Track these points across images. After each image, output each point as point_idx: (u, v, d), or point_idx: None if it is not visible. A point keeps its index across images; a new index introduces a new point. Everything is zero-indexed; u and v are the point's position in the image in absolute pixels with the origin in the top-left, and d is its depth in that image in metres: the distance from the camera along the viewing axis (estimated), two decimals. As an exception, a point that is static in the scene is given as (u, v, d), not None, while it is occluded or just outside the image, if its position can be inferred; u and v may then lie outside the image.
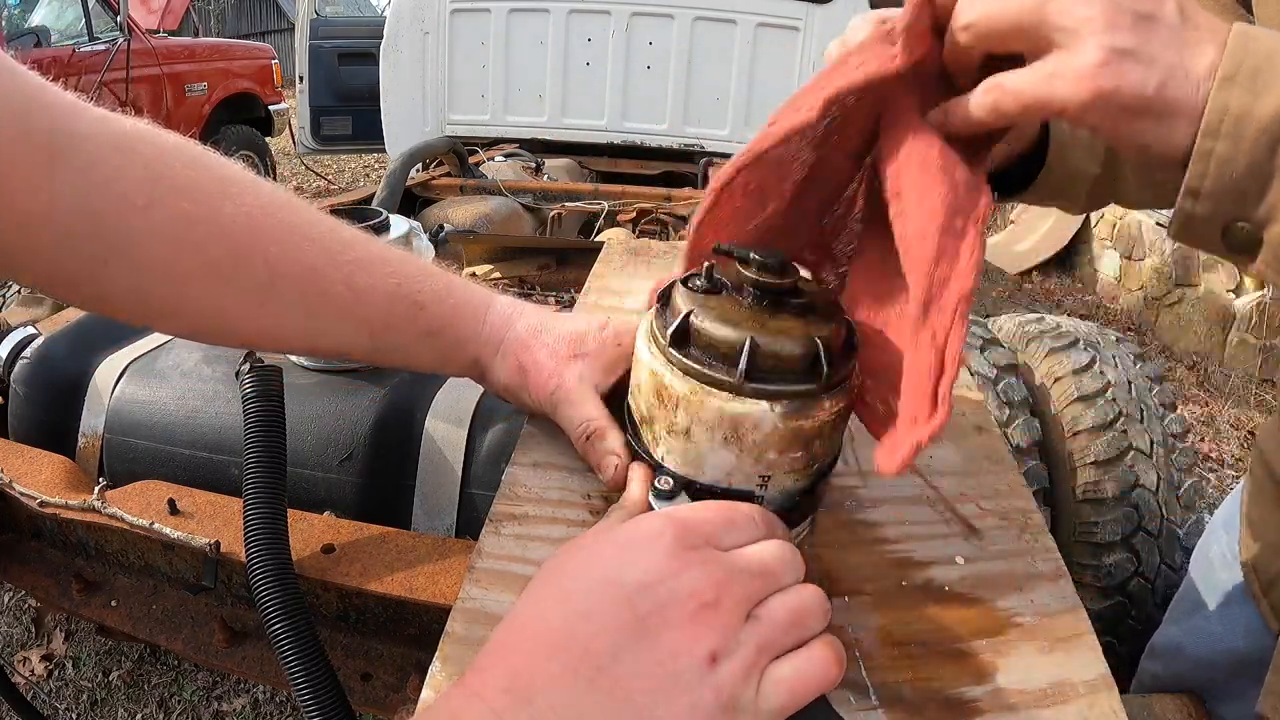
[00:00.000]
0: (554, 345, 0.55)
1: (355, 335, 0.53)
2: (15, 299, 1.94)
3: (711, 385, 0.41)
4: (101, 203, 0.43)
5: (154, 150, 0.46)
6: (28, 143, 0.41)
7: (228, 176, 0.48)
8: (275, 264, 0.48)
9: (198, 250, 0.46)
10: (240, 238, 0.47)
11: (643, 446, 0.47)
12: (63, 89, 0.44)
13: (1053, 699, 0.42)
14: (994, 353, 1.59)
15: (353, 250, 0.52)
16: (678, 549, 0.34)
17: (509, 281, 1.92)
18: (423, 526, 0.97)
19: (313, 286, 0.50)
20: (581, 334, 0.56)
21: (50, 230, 0.43)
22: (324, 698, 0.62)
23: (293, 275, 0.49)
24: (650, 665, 0.31)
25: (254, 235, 0.47)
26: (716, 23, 2.79)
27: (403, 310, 0.53)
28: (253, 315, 0.49)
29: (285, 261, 0.48)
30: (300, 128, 4.34)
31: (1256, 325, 3.73)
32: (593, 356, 0.55)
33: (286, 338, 0.53)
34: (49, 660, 1.73)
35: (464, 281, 0.58)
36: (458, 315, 0.55)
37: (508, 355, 0.56)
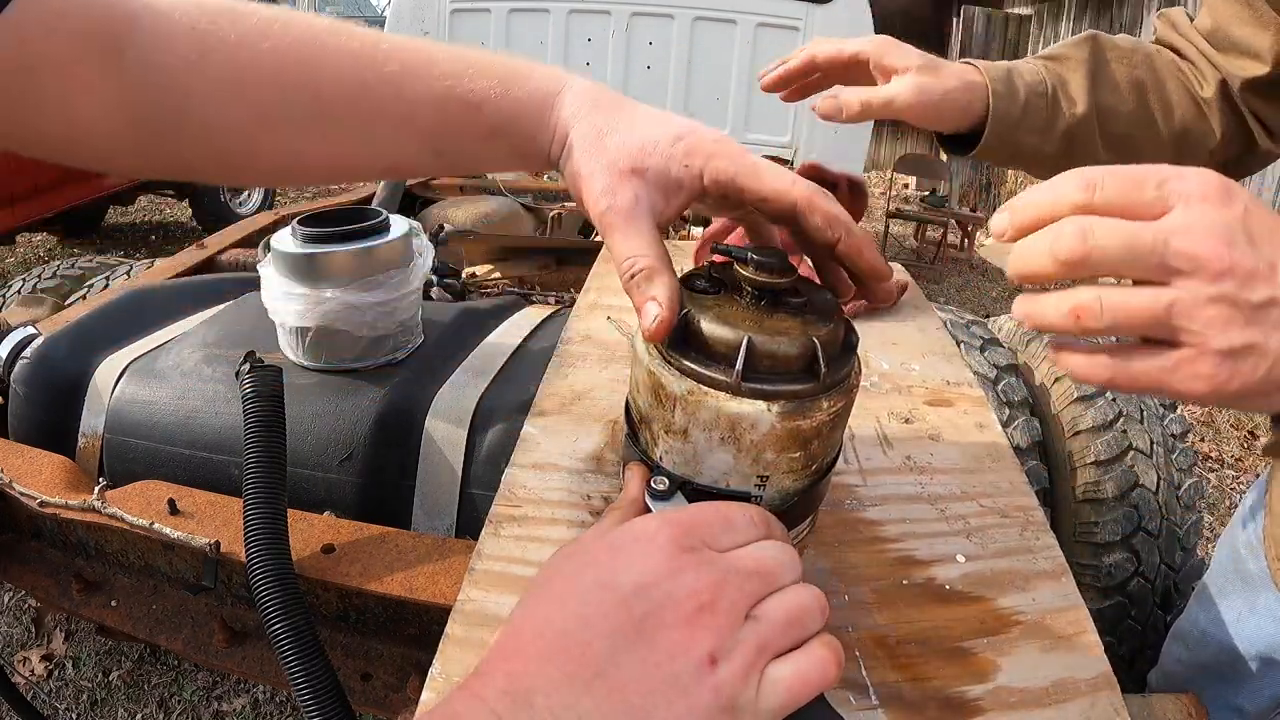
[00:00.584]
0: (614, 155, 0.47)
1: (416, 146, 0.50)
2: (15, 299, 1.94)
3: (709, 385, 0.41)
4: (160, 75, 0.44)
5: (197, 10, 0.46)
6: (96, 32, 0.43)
7: (265, 16, 0.48)
8: (322, 92, 0.47)
9: (249, 97, 0.46)
10: (285, 75, 0.47)
11: (641, 446, 0.47)
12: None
13: (1054, 698, 0.42)
14: (994, 353, 1.59)
15: (400, 57, 0.48)
16: (674, 550, 0.34)
17: (509, 281, 1.92)
18: (423, 526, 0.97)
19: (365, 107, 0.48)
20: (649, 145, 0.46)
21: (124, 112, 0.44)
22: (324, 698, 0.62)
23: (343, 98, 0.48)
24: (648, 667, 0.31)
25: (298, 69, 0.47)
26: (716, 23, 2.79)
27: (458, 112, 0.49)
28: (316, 149, 0.49)
29: (333, 86, 0.47)
30: (300, 128, 4.34)
31: (1257, 325, 3.72)
32: (655, 174, 0.46)
33: (355, 165, 0.52)
34: (49, 660, 1.73)
35: (527, 70, 0.50)
36: (524, 110, 0.49)
37: (568, 159, 0.49)
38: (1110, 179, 0.36)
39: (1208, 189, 0.35)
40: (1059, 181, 0.37)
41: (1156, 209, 0.35)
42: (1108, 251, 0.35)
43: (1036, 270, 0.37)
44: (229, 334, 1.13)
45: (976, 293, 4.91)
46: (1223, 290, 0.34)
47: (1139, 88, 0.73)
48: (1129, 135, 0.73)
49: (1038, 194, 0.38)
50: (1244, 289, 0.34)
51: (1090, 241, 0.35)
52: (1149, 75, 0.74)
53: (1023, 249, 0.37)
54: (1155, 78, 0.74)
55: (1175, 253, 0.34)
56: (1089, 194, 0.36)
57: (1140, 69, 0.74)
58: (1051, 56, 0.73)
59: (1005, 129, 0.69)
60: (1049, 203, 0.37)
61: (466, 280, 1.77)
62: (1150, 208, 0.35)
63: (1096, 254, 0.35)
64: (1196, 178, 0.36)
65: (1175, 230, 0.34)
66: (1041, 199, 0.38)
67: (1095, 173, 0.36)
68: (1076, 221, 0.35)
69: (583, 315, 0.88)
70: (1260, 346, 0.35)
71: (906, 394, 0.73)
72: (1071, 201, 0.36)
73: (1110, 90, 0.72)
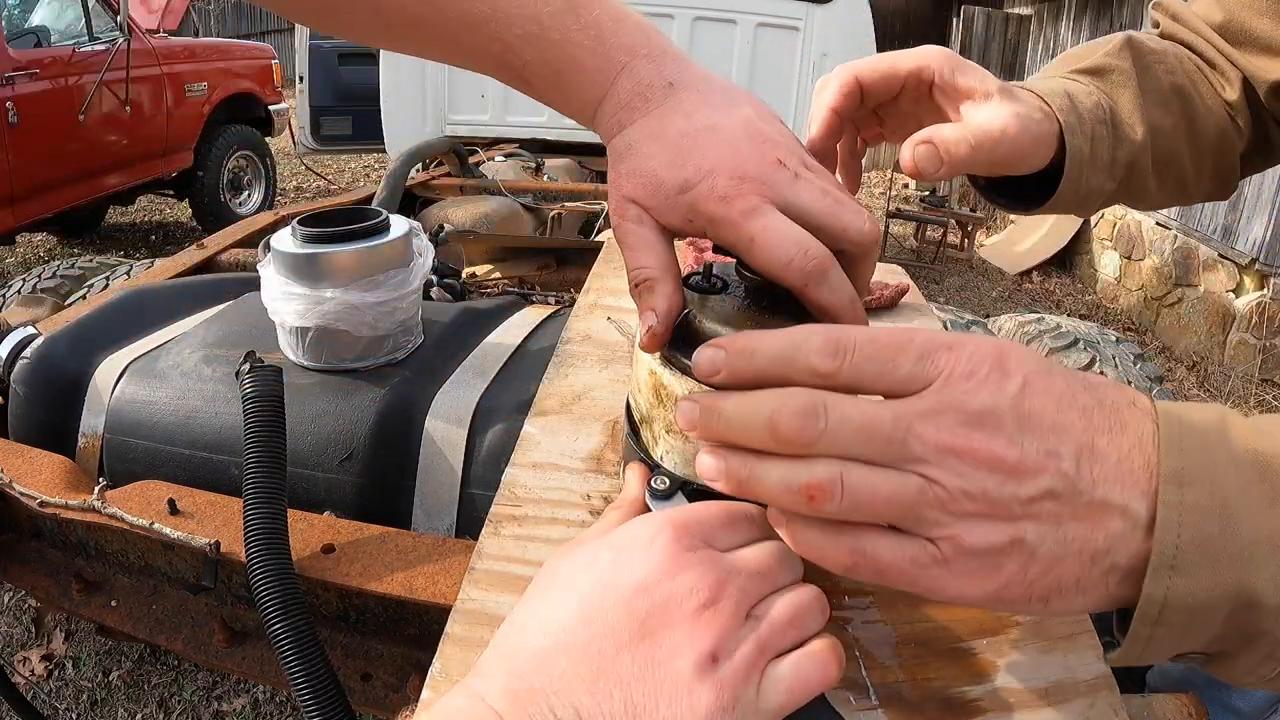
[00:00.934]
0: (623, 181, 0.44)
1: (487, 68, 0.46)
2: (15, 299, 1.94)
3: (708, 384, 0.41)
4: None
5: None
6: None
7: None
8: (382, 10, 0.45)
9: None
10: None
11: (642, 446, 0.47)
12: None
13: (1053, 698, 0.42)
14: (994, 353, 1.59)
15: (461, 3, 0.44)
16: (676, 550, 0.34)
17: (509, 281, 1.92)
18: (423, 526, 0.97)
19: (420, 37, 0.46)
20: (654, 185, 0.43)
21: None
22: (324, 698, 0.62)
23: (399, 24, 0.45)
24: (650, 665, 0.31)
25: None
26: (716, 23, 2.79)
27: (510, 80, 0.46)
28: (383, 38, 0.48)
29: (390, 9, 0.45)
30: (300, 128, 4.34)
31: (1256, 325, 3.73)
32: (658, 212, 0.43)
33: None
34: (49, 660, 1.73)
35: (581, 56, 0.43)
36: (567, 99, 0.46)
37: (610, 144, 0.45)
38: (864, 345, 0.31)
39: (977, 364, 0.30)
40: (801, 338, 0.32)
41: (912, 386, 0.31)
42: (840, 437, 0.30)
43: (746, 442, 0.32)
44: (229, 334, 1.13)
45: (976, 293, 4.91)
46: (980, 485, 0.29)
47: (1180, 96, 0.62)
48: (1172, 152, 0.62)
49: (770, 343, 0.32)
50: (1007, 484, 0.29)
51: (821, 424, 0.30)
52: (1185, 79, 0.63)
53: (735, 411, 0.32)
54: (1190, 81, 0.63)
55: (921, 441, 0.30)
56: (836, 363, 0.31)
57: (1177, 73, 0.62)
58: (1094, 70, 0.60)
59: (1079, 172, 0.55)
60: (783, 358, 0.32)
61: (466, 280, 1.77)
62: (904, 384, 0.31)
63: (827, 438, 0.30)
64: (968, 350, 0.31)
65: (924, 414, 0.30)
66: (775, 352, 0.32)
67: (845, 336, 0.31)
68: (809, 396, 0.31)
69: (583, 315, 0.88)
70: (1027, 545, 0.30)
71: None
72: (811, 367, 0.31)
73: (1157, 104, 0.60)
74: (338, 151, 5.05)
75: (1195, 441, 0.30)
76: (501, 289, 1.78)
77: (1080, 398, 0.31)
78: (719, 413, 0.33)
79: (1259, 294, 3.74)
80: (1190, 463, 0.30)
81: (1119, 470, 0.30)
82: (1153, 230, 4.60)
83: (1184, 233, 4.28)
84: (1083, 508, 0.30)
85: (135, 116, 4.40)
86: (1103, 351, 1.69)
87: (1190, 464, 0.30)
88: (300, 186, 6.50)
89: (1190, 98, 0.62)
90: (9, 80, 3.62)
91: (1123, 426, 0.31)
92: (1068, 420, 0.30)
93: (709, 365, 0.34)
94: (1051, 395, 0.31)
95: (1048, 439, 0.30)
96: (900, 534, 0.31)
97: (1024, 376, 0.31)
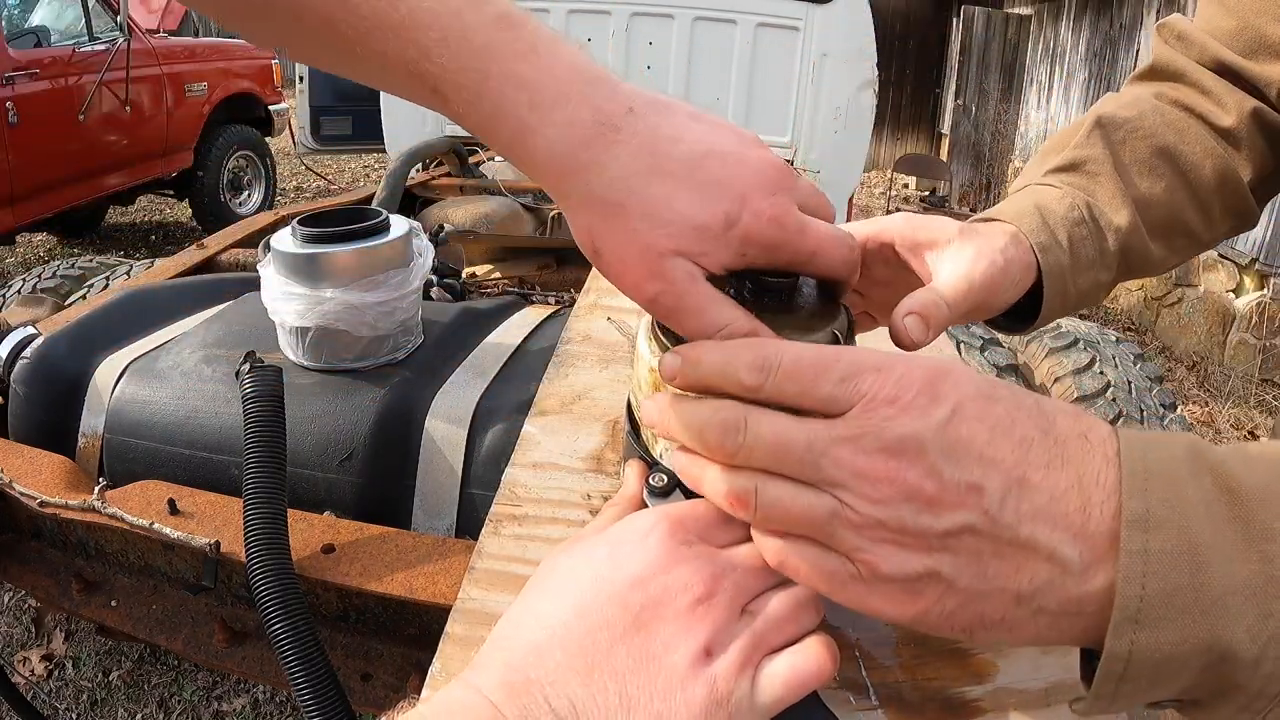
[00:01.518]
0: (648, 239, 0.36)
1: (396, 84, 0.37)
2: (15, 299, 1.94)
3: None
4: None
5: None
6: None
7: None
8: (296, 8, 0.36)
9: None
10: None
11: (641, 444, 0.47)
12: None
13: (1053, 698, 0.42)
14: (994, 353, 1.60)
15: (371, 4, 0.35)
16: (671, 544, 0.34)
17: (509, 281, 1.92)
18: (423, 526, 0.97)
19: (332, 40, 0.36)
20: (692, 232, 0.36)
21: None
22: (324, 698, 0.62)
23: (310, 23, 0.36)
24: (645, 659, 0.31)
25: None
26: (716, 23, 2.79)
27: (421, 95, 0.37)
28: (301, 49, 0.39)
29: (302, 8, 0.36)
30: (300, 128, 4.34)
31: (1256, 325, 3.73)
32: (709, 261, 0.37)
33: None
34: (49, 660, 1.73)
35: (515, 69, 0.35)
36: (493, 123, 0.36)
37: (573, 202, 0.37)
38: (789, 363, 0.31)
39: (903, 390, 0.30)
40: (734, 352, 0.33)
41: (834, 407, 0.30)
42: (754, 454, 0.31)
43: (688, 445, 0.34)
44: (229, 334, 1.13)
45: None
46: (894, 514, 0.29)
47: (1165, 157, 0.61)
48: (1173, 213, 0.61)
49: (710, 356, 0.33)
50: (923, 514, 0.29)
51: (738, 440, 0.31)
52: (1169, 136, 0.61)
53: (679, 416, 0.34)
54: (1175, 135, 0.62)
55: (835, 464, 0.30)
56: (758, 379, 0.32)
57: (1158, 134, 0.61)
58: (1069, 166, 0.60)
59: (1061, 284, 0.55)
60: (717, 374, 0.33)
61: (466, 280, 1.77)
62: (825, 404, 0.31)
63: (744, 454, 0.31)
64: (897, 373, 0.30)
65: (840, 439, 0.30)
66: (711, 367, 0.33)
67: (773, 354, 0.32)
68: (734, 411, 0.32)
69: (583, 315, 0.88)
70: (942, 577, 0.29)
71: (906, 394, 0.73)
72: (739, 382, 0.32)
73: (1139, 178, 0.60)
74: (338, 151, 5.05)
75: (1161, 480, 0.28)
76: (501, 289, 1.78)
77: (1021, 427, 0.30)
78: (670, 416, 0.35)
79: (1259, 294, 3.74)
80: (1155, 504, 0.28)
81: (1050, 509, 0.28)
82: (1153, 230, 4.60)
83: (1184, 233, 4.28)
84: (1005, 545, 0.29)
85: (135, 116, 4.40)
86: (1103, 351, 1.69)
87: (1155, 506, 0.27)
88: (300, 186, 6.50)
89: (1178, 154, 0.61)
90: (9, 80, 3.62)
91: (1064, 462, 0.29)
92: (999, 452, 0.29)
93: (669, 370, 0.35)
94: (985, 424, 0.29)
95: (972, 470, 0.29)
96: (823, 547, 0.31)
97: (955, 402, 0.30)
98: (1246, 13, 0.61)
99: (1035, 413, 0.30)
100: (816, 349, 0.32)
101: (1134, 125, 0.61)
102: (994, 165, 7.01)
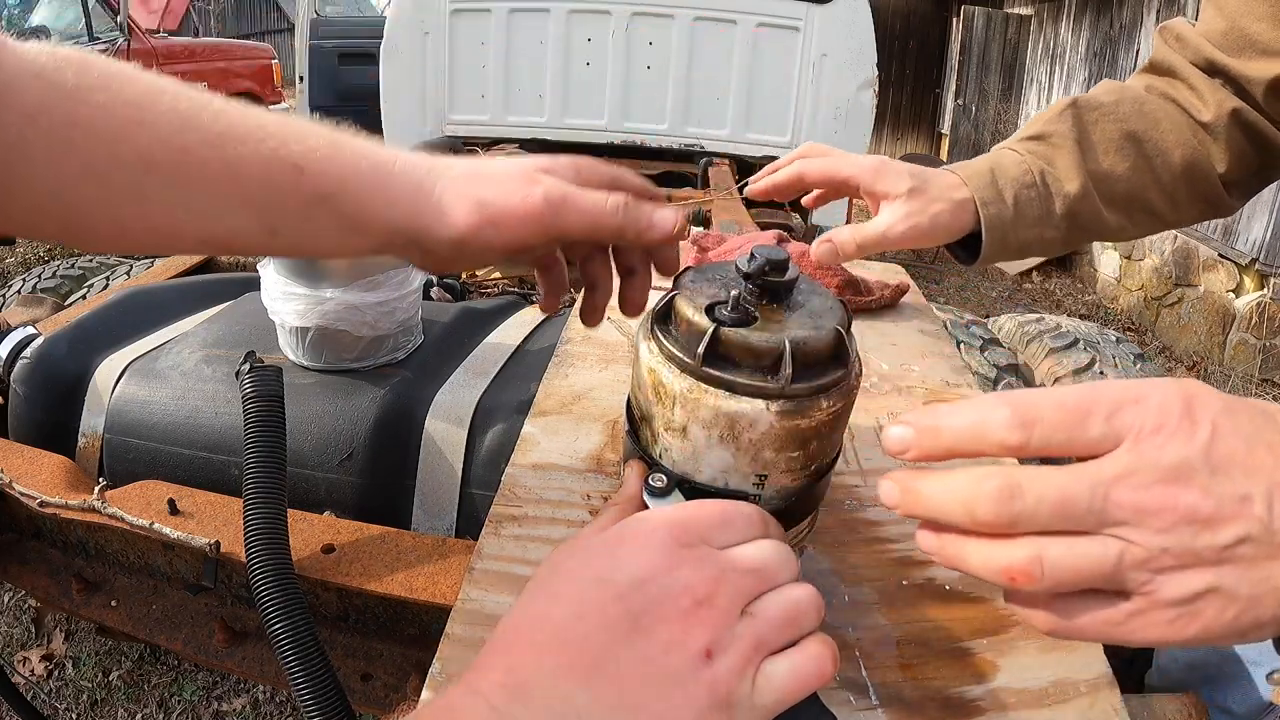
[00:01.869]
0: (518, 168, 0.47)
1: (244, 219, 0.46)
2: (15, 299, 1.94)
3: (709, 383, 0.41)
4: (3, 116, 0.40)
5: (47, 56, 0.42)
6: None
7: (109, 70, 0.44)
8: (147, 153, 0.43)
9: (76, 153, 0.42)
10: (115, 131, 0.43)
11: (640, 444, 0.47)
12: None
13: (1053, 698, 0.42)
14: (994, 353, 1.59)
15: (226, 121, 0.45)
16: (672, 546, 0.34)
17: (509, 281, 1.92)
18: (423, 526, 0.97)
19: (189, 172, 0.44)
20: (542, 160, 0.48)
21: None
22: (324, 698, 0.62)
23: (167, 163, 0.44)
24: (645, 661, 0.31)
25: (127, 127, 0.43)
26: (716, 23, 2.79)
27: (282, 179, 0.45)
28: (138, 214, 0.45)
29: (157, 148, 0.43)
30: (300, 128, 4.33)
31: (1256, 325, 3.73)
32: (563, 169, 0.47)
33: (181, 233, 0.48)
34: (49, 660, 1.73)
35: (359, 139, 0.48)
36: (354, 173, 0.46)
37: (451, 198, 0.46)
38: (1050, 413, 0.31)
39: (1165, 416, 0.30)
40: (987, 409, 0.32)
41: (1103, 446, 0.31)
42: (1038, 516, 0.30)
43: (946, 522, 0.32)
44: (229, 334, 1.13)
45: (976, 293, 4.91)
46: (1178, 540, 0.30)
47: (1133, 140, 0.70)
48: (1134, 190, 0.71)
49: (957, 418, 0.32)
50: (1202, 534, 0.30)
51: (1018, 506, 0.30)
52: (1140, 123, 0.71)
53: (932, 494, 0.32)
54: (1147, 123, 0.71)
55: (1118, 506, 0.30)
56: (1024, 435, 0.31)
57: (1130, 119, 0.71)
58: (1036, 136, 0.71)
59: (1001, 234, 0.68)
60: (970, 435, 0.32)
61: (466, 280, 1.77)
62: (1095, 447, 0.31)
63: (1024, 518, 0.31)
64: (1155, 401, 0.31)
65: (1119, 478, 0.30)
66: (962, 428, 0.32)
67: (1031, 406, 0.31)
68: (1003, 476, 0.31)
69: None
70: (1224, 590, 0.30)
71: (906, 394, 0.73)
72: (1000, 442, 0.31)
73: (1103, 154, 0.70)
74: (338, 151, 5.04)
75: None
76: (501, 289, 1.78)
77: (1265, 433, 0.31)
78: (917, 494, 0.33)
79: (1259, 294, 3.74)
80: None
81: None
82: (1153, 230, 4.60)
83: (1184, 233, 4.28)
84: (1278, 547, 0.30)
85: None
86: (1103, 351, 1.69)
87: None
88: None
89: (1146, 140, 0.70)
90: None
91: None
92: (1258, 461, 0.30)
93: (898, 444, 0.33)
94: (1240, 436, 0.31)
95: (1239, 483, 0.30)
96: (1098, 594, 0.32)
97: (1211, 421, 0.30)
98: (1235, 13, 0.68)
99: (1268, 417, 0.32)
100: (1066, 392, 0.32)
101: (1108, 109, 0.71)
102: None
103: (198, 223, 0.46)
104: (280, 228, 0.46)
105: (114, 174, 0.43)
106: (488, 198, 0.45)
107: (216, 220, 0.46)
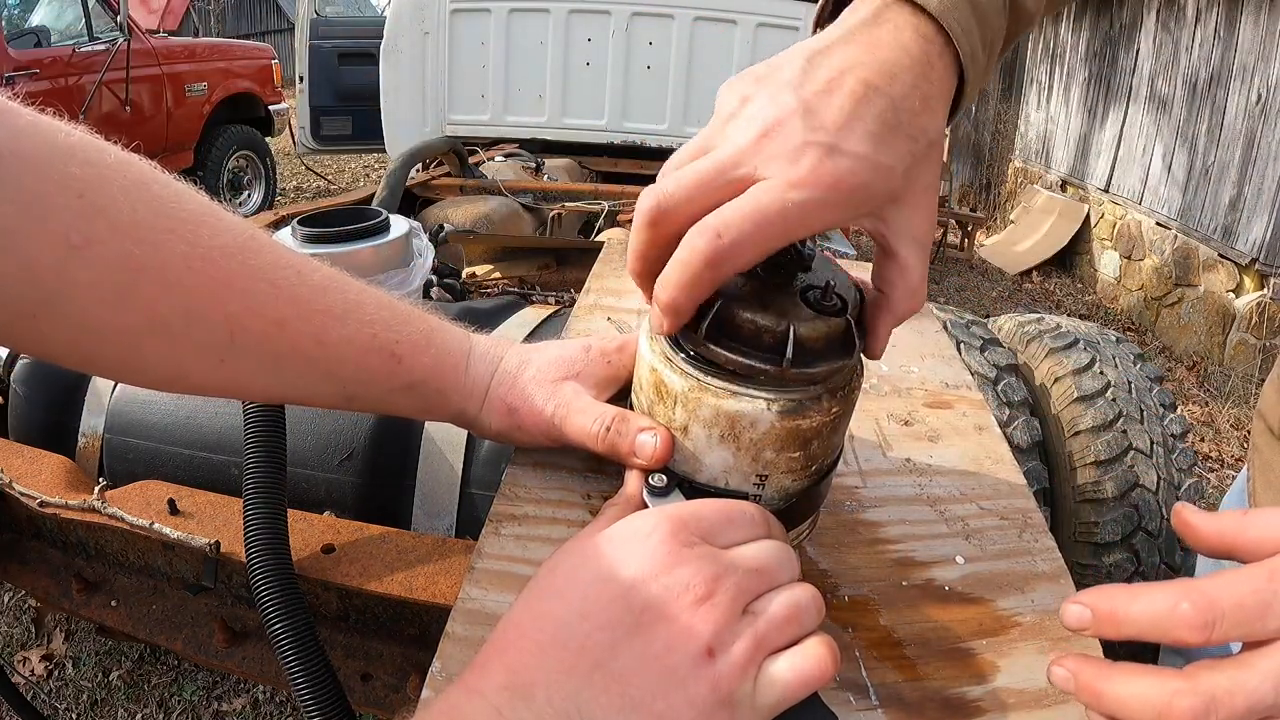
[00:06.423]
0: (541, 375, 0.53)
1: (327, 388, 0.48)
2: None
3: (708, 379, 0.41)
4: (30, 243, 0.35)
5: (92, 174, 0.37)
6: None
7: (180, 208, 0.41)
8: (236, 320, 0.42)
9: (145, 306, 0.39)
10: (195, 291, 0.40)
11: (642, 446, 0.47)
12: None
13: (1053, 699, 0.42)
14: (994, 353, 1.59)
15: (324, 299, 0.47)
16: (673, 545, 0.34)
17: (509, 281, 1.92)
18: (423, 526, 0.97)
19: (279, 345, 0.45)
20: (567, 358, 0.54)
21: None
22: (324, 698, 0.62)
23: (255, 331, 0.43)
24: (647, 659, 0.31)
25: (211, 287, 0.41)
26: (716, 23, 2.79)
27: (378, 364, 0.49)
28: (212, 371, 0.44)
29: (247, 317, 0.43)
30: (300, 128, 4.34)
31: (1256, 325, 3.73)
32: (584, 376, 0.53)
33: (250, 390, 0.49)
34: (49, 660, 1.73)
35: (442, 325, 0.54)
36: (439, 367, 0.52)
37: (494, 401, 0.53)
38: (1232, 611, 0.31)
39: None
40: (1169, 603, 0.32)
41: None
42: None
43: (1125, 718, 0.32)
44: (229, 334, 1.13)
45: (976, 293, 4.91)
46: None
47: None
48: None
49: (1139, 608, 0.32)
50: None
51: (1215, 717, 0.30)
52: None
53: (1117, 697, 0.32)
54: None
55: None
56: (1205, 635, 0.31)
57: None
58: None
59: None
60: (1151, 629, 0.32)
61: (466, 280, 1.77)
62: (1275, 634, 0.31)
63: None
64: None
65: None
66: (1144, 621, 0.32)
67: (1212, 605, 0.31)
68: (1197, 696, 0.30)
69: (582, 315, 0.88)
70: None
71: (906, 396, 0.73)
72: (1180, 640, 0.32)
73: None
74: (338, 151, 5.05)
75: None
76: (501, 289, 1.78)
77: None
78: (1100, 695, 0.33)
79: (1259, 294, 3.74)
80: None
81: None
82: (1153, 230, 4.60)
83: (1184, 233, 4.28)
84: None
85: (135, 116, 4.41)
86: (1103, 352, 1.69)
87: None
88: (300, 186, 6.50)
89: None
90: (9, 80, 3.63)
91: None
92: None
93: (1077, 622, 0.34)
94: None
95: None
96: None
97: None
98: None
99: None
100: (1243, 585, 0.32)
101: None
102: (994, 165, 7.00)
103: (274, 387, 0.48)
104: (359, 397, 0.50)
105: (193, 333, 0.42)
106: (516, 405, 0.53)
107: (292, 387, 0.48)
